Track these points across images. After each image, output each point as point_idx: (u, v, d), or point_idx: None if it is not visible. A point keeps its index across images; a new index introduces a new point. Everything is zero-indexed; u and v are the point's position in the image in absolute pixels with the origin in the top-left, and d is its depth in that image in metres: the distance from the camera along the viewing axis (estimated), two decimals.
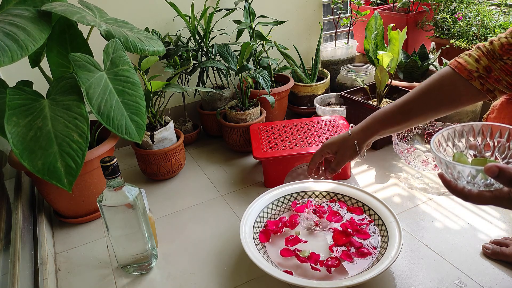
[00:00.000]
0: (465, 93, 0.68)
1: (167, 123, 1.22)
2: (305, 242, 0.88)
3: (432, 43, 1.64)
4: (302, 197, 1.01)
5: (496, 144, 0.58)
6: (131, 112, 0.88)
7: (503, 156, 0.58)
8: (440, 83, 0.70)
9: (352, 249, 0.86)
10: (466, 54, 0.69)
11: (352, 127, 0.87)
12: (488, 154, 0.59)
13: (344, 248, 0.86)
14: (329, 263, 0.81)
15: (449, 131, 0.60)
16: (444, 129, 0.61)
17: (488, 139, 0.59)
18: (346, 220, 0.93)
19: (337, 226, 0.92)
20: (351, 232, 0.89)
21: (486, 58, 0.66)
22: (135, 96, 0.90)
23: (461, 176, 0.52)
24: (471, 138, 0.60)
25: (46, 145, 0.79)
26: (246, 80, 1.31)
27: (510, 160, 0.57)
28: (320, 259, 0.83)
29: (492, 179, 0.47)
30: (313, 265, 0.81)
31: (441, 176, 0.55)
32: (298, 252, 0.84)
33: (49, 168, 0.78)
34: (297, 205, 0.98)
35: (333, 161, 0.89)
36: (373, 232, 0.89)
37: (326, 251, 0.86)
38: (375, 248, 0.86)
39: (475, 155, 0.61)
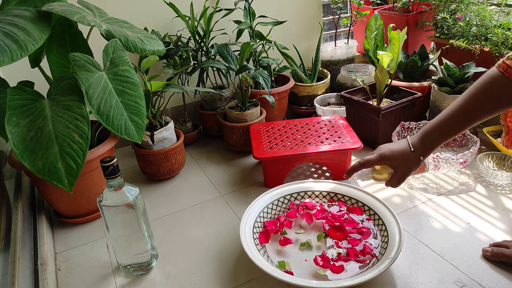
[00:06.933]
0: None
1: (167, 123, 1.22)
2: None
3: (432, 43, 1.64)
4: (302, 197, 1.01)
5: None
6: (131, 112, 0.88)
7: None
8: (492, 88, 0.69)
9: (355, 235, 0.89)
10: None
11: (406, 137, 0.82)
12: None
13: (348, 238, 0.89)
14: (361, 258, 0.83)
15: None
16: None
17: None
18: (328, 216, 0.94)
19: (325, 224, 0.93)
20: (339, 224, 0.91)
21: None
22: (135, 96, 0.90)
23: None
24: None
25: (47, 145, 0.79)
26: (246, 80, 1.31)
27: None
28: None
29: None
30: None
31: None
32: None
33: (49, 168, 0.78)
34: (290, 210, 0.98)
35: (395, 176, 0.82)
36: (361, 218, 0.94)
37: (332, 250, 0.87)
38: (368, 228, 0.90)
39: None
